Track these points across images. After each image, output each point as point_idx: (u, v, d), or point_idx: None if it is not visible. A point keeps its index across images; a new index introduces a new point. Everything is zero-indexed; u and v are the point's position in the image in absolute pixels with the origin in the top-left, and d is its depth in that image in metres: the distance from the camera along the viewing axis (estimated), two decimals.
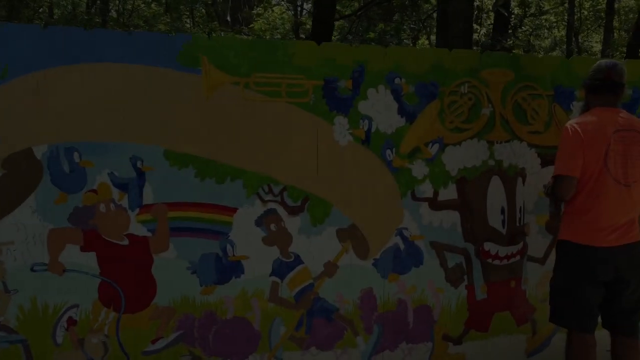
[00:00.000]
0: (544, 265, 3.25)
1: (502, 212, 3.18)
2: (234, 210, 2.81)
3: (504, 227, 3.19)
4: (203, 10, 14.79)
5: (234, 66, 2.80)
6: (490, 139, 3.15)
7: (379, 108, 2.99)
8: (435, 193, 3.09)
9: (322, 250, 2.93)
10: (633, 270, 2.61)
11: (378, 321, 3.02)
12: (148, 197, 2.71)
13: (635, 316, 2.68)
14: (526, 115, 3.20)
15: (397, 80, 3.01)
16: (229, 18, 12.79)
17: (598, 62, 2.80)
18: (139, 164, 2.70)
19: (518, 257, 3.22)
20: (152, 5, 14.44)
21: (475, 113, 3.12)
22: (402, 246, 3.04)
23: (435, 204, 3.08)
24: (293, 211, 2.88)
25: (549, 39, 19.16)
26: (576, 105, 3.26)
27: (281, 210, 2.87)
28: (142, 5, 14.75)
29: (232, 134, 2.80)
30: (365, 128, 2.97)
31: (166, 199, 2.73)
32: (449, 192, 3.11)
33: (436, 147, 3.07)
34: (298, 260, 2.90)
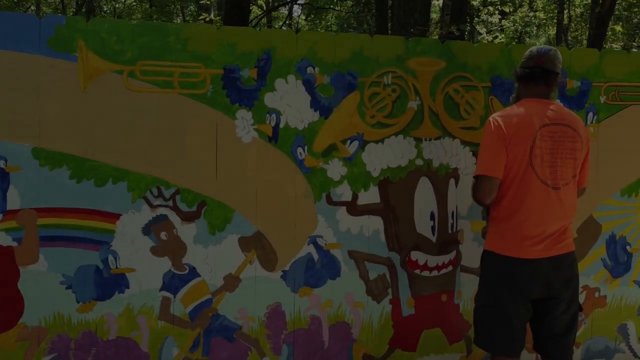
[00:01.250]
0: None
1: (432, 217, 2.86)
2: (117, 216, 2.49)
3: (434, 234, 2.87)
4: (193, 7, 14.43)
5: (117, 52, 2.47)
6: (418, 135, 2.83)
7: (289, 101, 2.67)
8: (355, 196, 2.77)
9: (221, 262, 2.62)
10: (565, 286, 2.30)
11: (287, 340, 2.70)
12: (14, 201, 2.39)
13: (568, 339, 2.37)
14: (459, 109, 2.88)
15: (309, 70, 2.68)
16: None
17: (530, 49, 2.47)
18: (2, 164, 2.37)
19: (450, 268, 2.91)
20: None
21: (401, 107, 2.80)
22: (315, 256, 2.73)
23: (354, 209, 2.76)
24: (187, 217, 2.56)
25: (544, 37, 18.86)
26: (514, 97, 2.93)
27: (173, 217, 2.56)
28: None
29: (114, 129, 2.48)
30: (273, 123, 2.65)
31: (35, 203, 2.41)
32: (371, 196, 2.79)
33: (355, 144, 2.75)
34: (193, 272, 2.59)
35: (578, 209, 3.02)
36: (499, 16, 12.79)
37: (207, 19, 7.22)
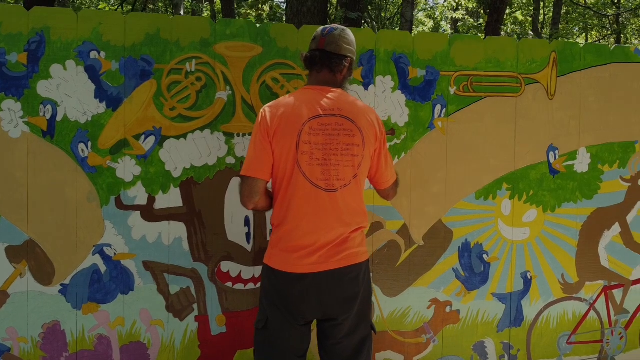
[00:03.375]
0: None
1: (247, 223, 2.54)
2: None
3: (249, 242, 2.56)
4: None
5: None
6: (228, 130, 2.52)
7: (68, 90, 2.36)
8: (151, 199, 2.45)
9: None
10: (346, 306, 1.98)
11: None
12: None
13: None
14: None
15: (94, 54, 2.37)
16: None
17: (318, 28, 2.16)
18: None
19: None
20: None
21: (207, 97, 2.49)
22: (102, 268, 2.41)
23: (150, 214, 2.45)
24: None
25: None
26: (350, 88, 2.61)
27: None
28: None
29: None
30: (48, 116, 2.34)
31: None
32: (171, 198, 2.47)
33: (151, 140, 2.44)
34: None
35: (424, 212, 2.74)
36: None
37: None
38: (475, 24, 16.34)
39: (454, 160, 2.80)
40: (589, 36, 16.57)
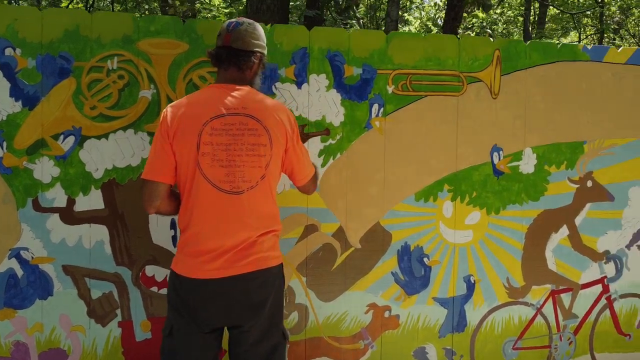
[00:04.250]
0: None
1: (173, 225, 2.47)
2: None
3: (175, 245, 2.48)
4: None
5: None
6: (153, 130, 2.48)
7: None
8: (71, 201, 2.38)
9: None
10: (253, 312, 1.91)
11: None
12: None
13: None
14: None
15: (9, 51, 2.32)
16: None
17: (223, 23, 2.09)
18: None
19: None
20: None
21: (130, 96, 2.43)
22: (19, 272, 2.36)
23: (70, 216, 2.38)
24: None
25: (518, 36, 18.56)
26: (281, 87, 2.54)
27: None
28: None
29: None
30: None
31: None
32: (92, 201, 2.41)
33: (71, 140, 2.37)
34: None
35: (361, 215, 2.68)
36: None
37: None
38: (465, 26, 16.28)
39: (393, 161, 2.73)
40: (569, 36, 16.51)
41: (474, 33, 13.86)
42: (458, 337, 2.87)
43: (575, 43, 3.00)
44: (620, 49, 3.01)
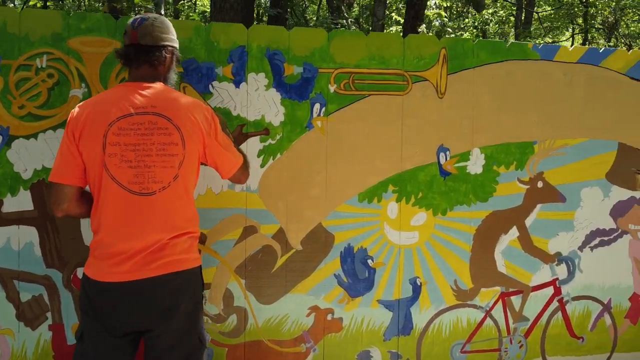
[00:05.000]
0: None
1: None
2: None
3: None
4: None
5: None
6: None
7: None
8: None
9: None
10: (166, 316, 1.86)
11: None
12: None
13: None
14: None
15: None
16: None
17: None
18: None
19: None
20: None
21: (60, 95, 2.40)
22: None
23: None
24: None
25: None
26: (218, 86, 2.50)
27: None
28: None
29: None
30: None
31: None
32: (20, 201, 2.38)
33: None
34: None
35: (302, 216, 2.64)
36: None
37: None
38: (458, 25, 16.23)
39: (335, 161, 2.68)
40: (548, 36, 16.47)
41: (467, 34, 13.81)
42: (404, 340, 2.83)
43: (525, 42, 2.95)
44: (572, 47, 2.97)
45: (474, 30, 14.99)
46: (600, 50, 3.00)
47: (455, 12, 19.12)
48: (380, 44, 2.71)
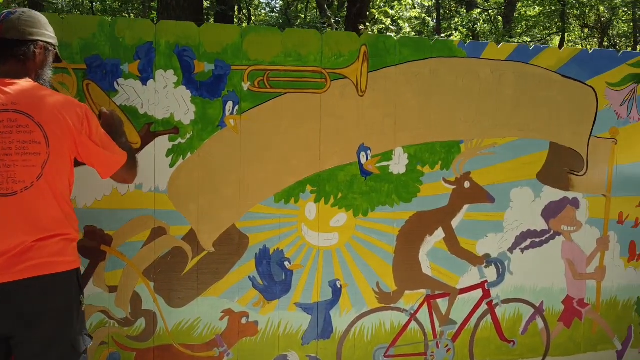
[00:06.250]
0: None
1: None
2: None
3: None
4: None
5: None
6: None
7: None
8: None
9: None
10: (26, 323, 1.80)
11: None
12: None
13: None
14: None
15: None
16: None
17: None
18: None
19: None
20: None
21: None
22: None
23: None
24: None
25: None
26: (124, 83, 2.43)
27: None
28: None
29: None
30: None
31: None
32: None
33: None
34: None
35: (215, 217, 2.58)
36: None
37: None
38: (448, 25, 16.18)
39: (250, 160, 2.62)
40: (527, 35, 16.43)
41: (458, 35, 13.74)
42: (323, 344, 2.77)
43: (450, 39, 2.89)
44: (500, 45, 2.91)
45: (464, 30, 14.95)
46: (531, 48, 2.94)
47: (449, 12, 19.08)
48: (297, 41, 2.65)
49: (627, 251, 3.15)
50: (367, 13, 5.71)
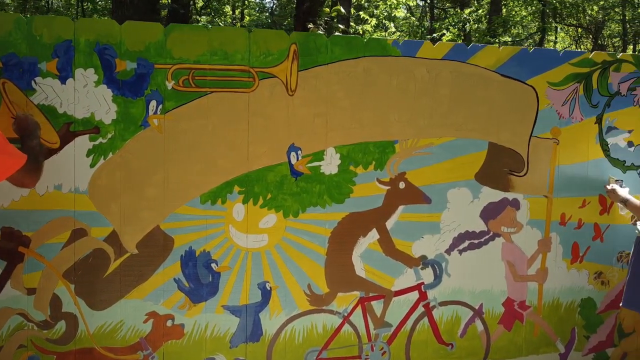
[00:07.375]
0: None
1: None
2: None
3: None
4: None
5: None
6: None
7: None
8: None
9: None
10: None
11: None
12: None
13: None
14: None
15: None
16: None
17: None
18: None
19: None
20: None
21: None
22: None
23: None
24: None
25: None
26: (42, 82, 2.39)
27: None
28: None
29: None
30: None
31: None
32: None
33: None
34: None
35: (138, 218, 2.55)
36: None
37: None
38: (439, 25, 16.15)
39: (174, 161, 2.59)
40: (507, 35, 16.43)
41: (450, 35, 13.68)
42: (252, 347, 2.73)
43: (384, 38, 2.85)
44: (437, 43, 2.87)
45: (455, 30, 14.91)
46: (468, 47, 2.90)
47: (443, 13, 19.04)
48: (224, 39, 2.61)
49: (570, 253, 3.12)
50: (319, 10, 5.65)
